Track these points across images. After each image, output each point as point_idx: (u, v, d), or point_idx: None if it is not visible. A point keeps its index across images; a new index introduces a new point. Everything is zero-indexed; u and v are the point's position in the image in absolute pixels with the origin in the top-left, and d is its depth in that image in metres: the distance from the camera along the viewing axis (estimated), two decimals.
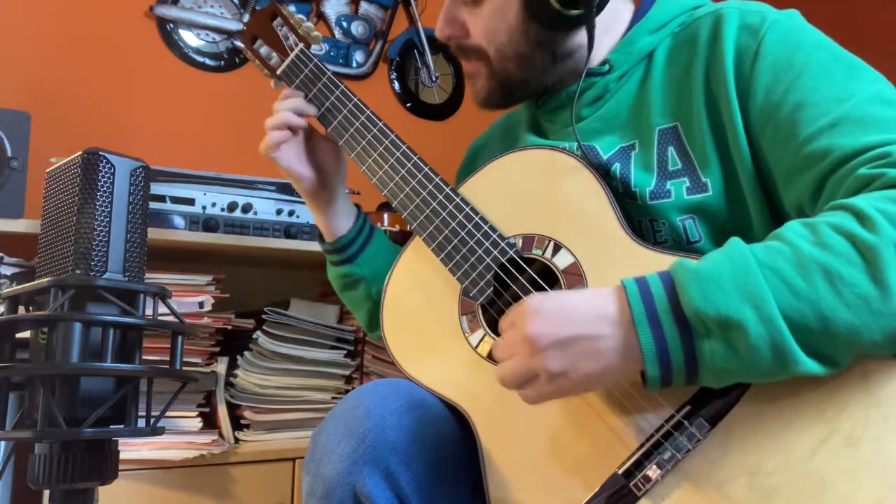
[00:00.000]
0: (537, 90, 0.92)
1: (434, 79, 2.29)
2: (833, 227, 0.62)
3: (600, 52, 0.88)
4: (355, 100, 0.98)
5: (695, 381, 0.64)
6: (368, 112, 0.97)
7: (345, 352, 1.54)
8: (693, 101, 0.80)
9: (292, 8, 2.08)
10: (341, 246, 1.05)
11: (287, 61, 1.03)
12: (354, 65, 2.16)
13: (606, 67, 0.87)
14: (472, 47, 0.90)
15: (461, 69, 2.35)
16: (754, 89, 0.75)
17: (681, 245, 0.80)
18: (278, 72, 1.03)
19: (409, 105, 2.25)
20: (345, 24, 2.16)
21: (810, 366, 0.61)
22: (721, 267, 0.63)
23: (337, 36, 2.16)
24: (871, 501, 0.60)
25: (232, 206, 1.44)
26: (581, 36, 0.86)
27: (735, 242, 0.65)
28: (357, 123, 0.97)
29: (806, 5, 0.80)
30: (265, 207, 1.48)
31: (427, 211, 0.88)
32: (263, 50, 1.06)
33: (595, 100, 0.88)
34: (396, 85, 2.24)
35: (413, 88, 2.27)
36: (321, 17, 2.14)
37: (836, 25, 0.78)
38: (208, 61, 1.96)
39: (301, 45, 1.03)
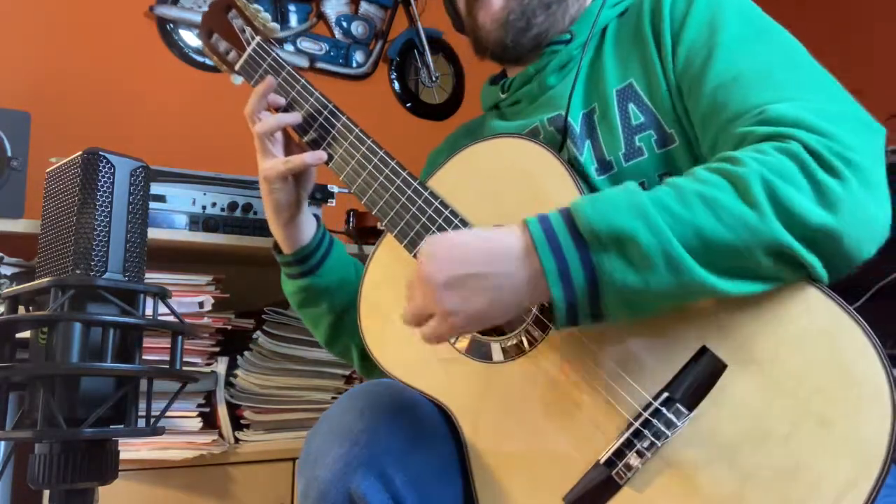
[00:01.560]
0: (546, 27, 0.92)
1: (434, 79, 2.29)
2: (707, 168, 0.69)
3: (564, 25, 0.93)
4: (317, 94, 0.95)
5: (598, 305, 0.67)
6: (331, 106, 0.94)
7: None
8: (646, 55, 0.84)
9: (292, 8, 2.09)
10: (303, 257, 1.01)
11: (244, 56, 0.99)
12: (354, 65, 2.16)
13: (568, 37, 0.92)
14: None
15: (461, 69, 2.35)
16: (679, 46, 0.81)
17: None
18: (236, 67, 1.00)
19: (409, 105, 2.25)
20: (345, 24, 2.16)
21: (707, 277, 0.64)
22: (614, 192, 0.68)
23: (337, 36, 2.16)
24: (846, 479, 0.62)
25: (232, 206, 1.44)
26: None
27: (629, 182, 0.70)
28: (321, 119, 0.94)
29: (808, 12, 0.81)
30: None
31: (397, 207, 0.87)
32: (222, 45, 1.01)
33: (561, 67, 0.92)
34: (396, 85, 2.24)
35: (413, 88, 2.27)
36: (321, 17, 2.14)
37: (836, 35, 0.78)
38: (208, 61, 1.95)
39: (258, 39, 0.98)
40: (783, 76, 0.74)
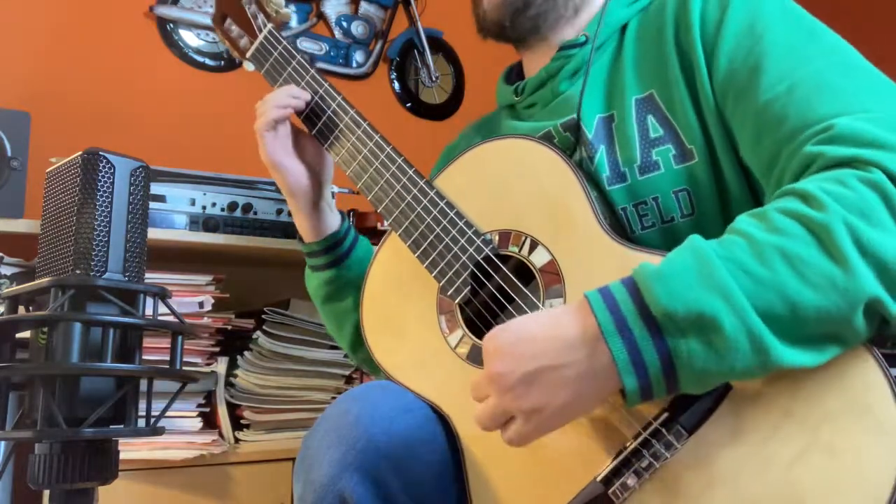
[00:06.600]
0: (545, 8, 0.90)
1: (434, 79, 2.29)
2: (781, 212, 0.62)
3: (578, 25, 0.91)
4: (326, 85, 0.95)
5: (676, 387, 0.62)
6: (340, 98, 0.94)
7: (344, 352, 1.54)
8: (668, 68, 0.80)
9: (292, 8, 2.09)
10: (329, 246, 1.01)
11: (256, 43, 0.99)
12: (354, 65, 2.16)
13: (583, 38, 0.89)
14: None
15: (461, 69, 2.35)
16: (717, 56, 0.76)
17: (674, 222, 0.80)
18: (247, 54, 1.00)
19: (409, 105, 2.26)
20: (345, 24, 2.16)
21: (791, 356, 0.59)
22: (683, 263, 0.61)
23: (337, 36, 2.16)
24: None
25: (232, 206, 1.44)
26: None
27: (693, 238, 0.64)
28: (328, 111, 0.94)
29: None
30: (265, 207, 1.48)
31: (402, 205, 0.86)
32: (234, 30, 1.01)
33: (574, 73, 0.89)
34: (396, 85, 2.24)
35: (413, 88, 2.27)
36: (321, 17, 2.14)
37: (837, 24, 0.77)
38: (208, 61, 1.95)
39: (270, 26, 0.98)
40: (842, 83, 0.68)
